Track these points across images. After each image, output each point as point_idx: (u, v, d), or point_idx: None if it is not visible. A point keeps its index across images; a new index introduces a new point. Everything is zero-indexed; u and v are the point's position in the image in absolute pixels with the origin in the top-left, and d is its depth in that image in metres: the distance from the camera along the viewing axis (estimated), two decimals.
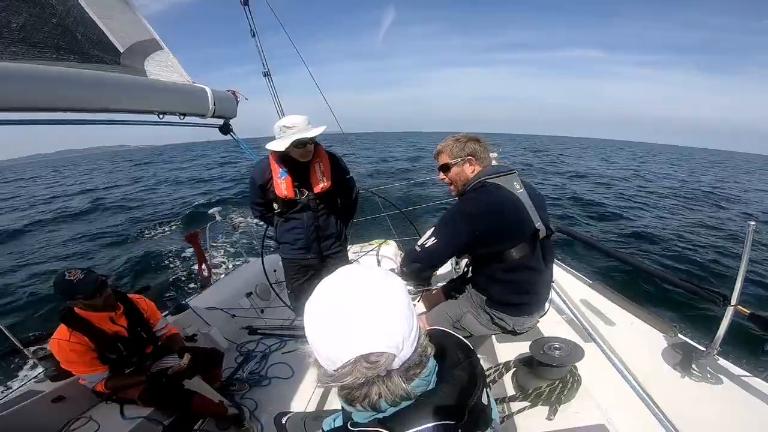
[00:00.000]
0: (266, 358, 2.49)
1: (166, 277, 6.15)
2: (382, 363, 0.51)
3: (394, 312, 0.53)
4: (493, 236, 1.42)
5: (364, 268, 0.60)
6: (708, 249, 7.38)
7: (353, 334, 0.51)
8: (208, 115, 1.73)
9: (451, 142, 1.54)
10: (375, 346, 0.51)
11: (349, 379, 0.52)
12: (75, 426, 1.65)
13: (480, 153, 1.51)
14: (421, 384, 0.56)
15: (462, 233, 1.40)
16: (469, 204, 1.43)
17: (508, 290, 1.52)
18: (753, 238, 1.32)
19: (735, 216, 11.03)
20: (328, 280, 0.58)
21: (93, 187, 20.45)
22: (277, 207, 1.89)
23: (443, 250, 1.44)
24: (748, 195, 15.87)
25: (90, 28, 1.36)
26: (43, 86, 1.07)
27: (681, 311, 4.60)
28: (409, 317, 0.55)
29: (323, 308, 0.55)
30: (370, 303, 0.53)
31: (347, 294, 0.54)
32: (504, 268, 1.47)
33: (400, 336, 0.53)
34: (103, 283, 1.67)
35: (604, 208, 11.06)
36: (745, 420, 1.30)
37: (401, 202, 6.48)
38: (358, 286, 0.55)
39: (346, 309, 0.53)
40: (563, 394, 1.19)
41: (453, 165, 1.53)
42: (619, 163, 30.77)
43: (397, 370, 0.54)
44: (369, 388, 0.53)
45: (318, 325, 0.54)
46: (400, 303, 0.55)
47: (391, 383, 0.53)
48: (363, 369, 0.51)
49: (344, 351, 0.51)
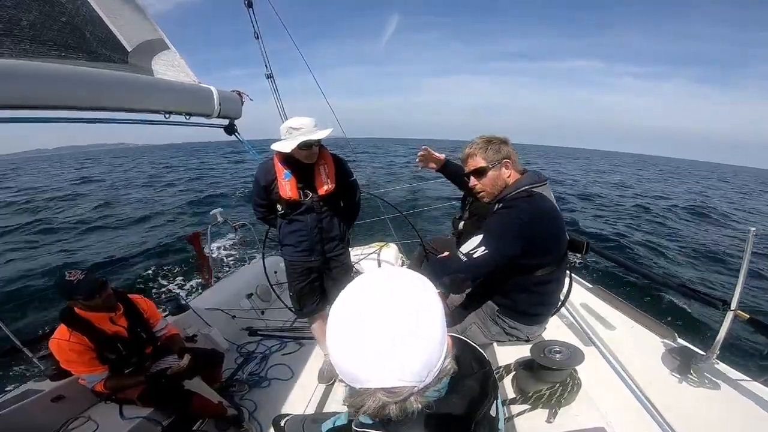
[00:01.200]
0: (266, 359, 2.49)
1: (166, 277, 6.14)
2: (404, 393, 0.49)
3: (428, 344, 0.49)
4: (542, 249, 1.34)
5: (405, 277, 0.55)
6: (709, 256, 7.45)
7: (379, 366, 0.47)
8: (213, 116, 1.74)
9: (484, 144, 1.39)
10: (400, 380, 0.48)
11: (368, 402, 0.50)
12: (74, 425, 1.64)
13: (513, 156, 1.39)
14: (432, 394, 0.54)
15: (515, 244, 1.28)
16: (522, 213, 1.28)
17: (532, 302, 1.47)
18: (753, 244, 1.33)
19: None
20: (363, 288, 0.54)
21: (93, 186, 20.41)
22: (281, 208, 1.89)
23: (492, 262, 1.28)
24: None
25: (98, 27, 1.37)
26: (51, 84, 1.07)
27: (680, 316, 4.61)
28: (441, 346, 0.51)
29: (352, 327, 0.50)
30: (404, 333, 0.48)
31: (380, 315, 0.49)
32: (535, 281, 1.40)
33: (428, 368, 0.49)
34: (103, 283, 1.67)
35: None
36: (744, 424, 1.30)
37: (402, 204, 6.50)
38: (395, 307, 0.50)
39: (375, 335, 0.48)
40: (563, 397, 1.19)
41: (489, 169, 1.38)
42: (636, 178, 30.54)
43: (415, 394, 0.51)
44: (382, 409, 0.51)
45: (341, 343, 0.50)
46: (436, 332, 0.50)
47: (406, 404, 0.51)
48: (382, 396, 0.49)
49: (366, 380, 0.48)
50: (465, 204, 2.69)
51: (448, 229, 3.15)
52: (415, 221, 3.31)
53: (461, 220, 2.69)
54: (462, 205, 2.74)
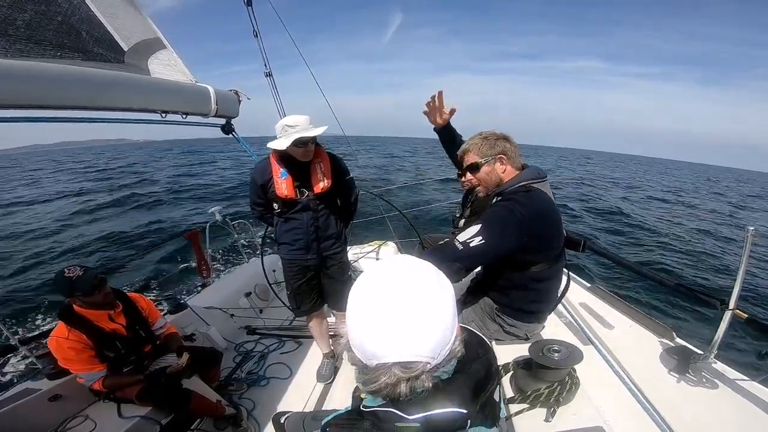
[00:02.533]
0: (264, 358, 2.49)
1: (165, 276, 6.13)
2: (417, 369, 0.51)
3: (442, 322, 0.53)
4: (538, 245, 1.34)
5: (421, 264, 0.59)
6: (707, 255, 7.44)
7: (399, 340, 0.51)
8: (210, 115, 1.73)
9: (479, 140, 1.42)
10: (417, 355, 0.51)
11: (382, 379, 0.52)
12: (72, 424, 1.64)
13: (510, 152, 1.40)
14: (441, 374, 0.57)
15: (511, 237, 1.28)
16: (521, 207, 1.29)
17: (530, 299, 1.48)
18: (751, 243, 1.33)
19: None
20: (384, 270, 0.57)
21: (91, 186, 20.37)
22: (277, 207, 1.89)
23: (487, 253, 1.30)
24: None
25: (95, 27, 1.36)
26: (47, 84, 1.07)
27: (679, 314, 4.62)
28: (453, 327, 0.55)
29: (372, 304, 0.53)
30: (422, 310, 0.52)
31: (400, 294, 0.53)
32: (532, 276, 1.41)
33: (441, 346, 0.53)
34: (102, 280, 1.67)
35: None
36: (742, 423, 1.31)
37: (401, 203, 6.49)
38: (414, 288, 0.54)
39: (396, 312, 0.51)
40: (561, 396, 1.19)
41: (483, 164, 1.41)
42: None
43: (427, 372, 0.53)
44: (395, 387, 0.53)
45: (363, 320, 0.53)
46: (449, 312, 0.54)
47: (417, 382, 0.53)
48: (397, 371, 0.51)
49: (384, 355, 0.51)
50: (466, 202, 2.69)
51: (447, 229, 3.15)
52: (414, 221, 3.31)
53: (461, 218, 2.69)
54: (463, 203, 2.75)
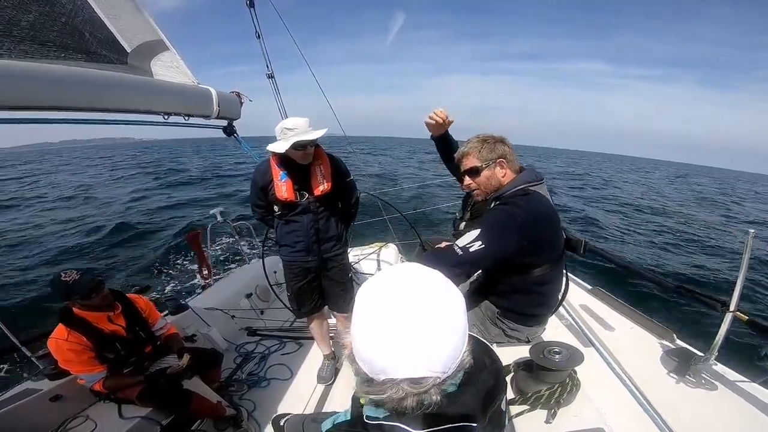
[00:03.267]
0: (265, 359, 2.49)
1: (166, 277, 6.13)
2: (428, 384, 0.49)
3: (454, 335, 0.50)
4: (538, 248, 1.33)
5: (430, 274, 0.55)
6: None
7: (411, 357, 0.47)
8: (212, 117, 1.74)
9: (478, 143, 1.40)
10: (429, 371, 0.48)
11: (389, 392, 0.49)
12: (72, 425, 1.64)
13: (509, 155, 1.39)
14: (449, 386, 0.54)
15: (511, 241, 1.27)
16: (520, 211, 1.28)
17: (531, 302, 1.47)
18: (752, 245, 1.33)
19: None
20: (392, 282, 0.53)
21: (92, 183, 20.37)
22: (278, 209, 1.89)
23: (488, 258, 1.29)
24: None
25: (98, 28, 1.37)
26: (50, 85, 1.08)
27: (679, 317, 4.61)
28: (465, 339, 0.52)
29: (382, 318, 0.49)
30: (434, 325, 0.48)
31: (411, 308, 0.49)
32: (532, 281, 1.40)
33: (453, 359, 0.50)
34: (99, 283, 1.68)
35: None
36: (742, 425, 1.31)
37: (402, 205, 6.49)
38: (425, 301, 0.50)
39: (408, 327, 0.48)
40: (562, 398, 1.19)
41: (483, 168, 1.39)
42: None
43: (437, 386, 0.50)
44: (401, 401, 0.50)
45: (372, 336, 0.49)
46: (461, 324, 0.51)
47: (425, 395, 0.50)
48: (406, 386, 0.48)
49: (395, 371, 0.48)
50: (466, 205, 2.69)
51: (448, 231, 3.15)
52: (415, 223, 3.31)
53: (462, 220, 2.69)
54: (463, 205, 2.74)
